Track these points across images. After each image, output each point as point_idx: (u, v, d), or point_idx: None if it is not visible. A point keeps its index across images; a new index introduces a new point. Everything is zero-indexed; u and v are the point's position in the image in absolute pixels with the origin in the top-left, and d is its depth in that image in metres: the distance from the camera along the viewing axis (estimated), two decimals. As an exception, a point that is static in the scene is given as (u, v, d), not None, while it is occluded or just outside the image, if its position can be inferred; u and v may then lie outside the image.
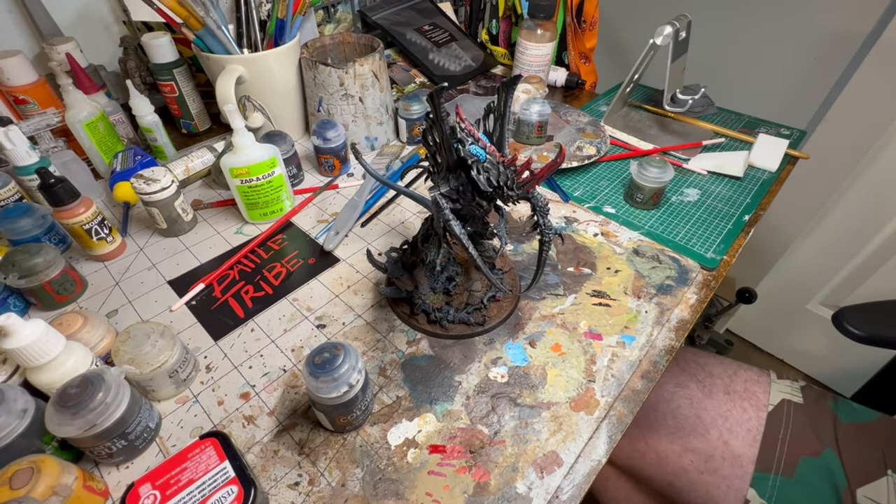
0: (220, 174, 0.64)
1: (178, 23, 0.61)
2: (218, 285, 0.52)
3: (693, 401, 0.61)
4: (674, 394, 0.62)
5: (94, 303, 0.50)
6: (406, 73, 0.92)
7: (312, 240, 0.58)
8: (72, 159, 0.60)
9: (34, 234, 0.51)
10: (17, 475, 0.30)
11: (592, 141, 0.71)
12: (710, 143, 0.74)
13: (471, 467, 0.36)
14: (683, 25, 0.67)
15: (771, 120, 0.81)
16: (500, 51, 1.00)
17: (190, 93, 0.73)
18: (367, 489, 0.35)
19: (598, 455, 0.37)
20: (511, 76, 0.38)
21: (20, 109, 0.64)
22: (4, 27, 0.68)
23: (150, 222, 0.59)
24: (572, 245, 0.57)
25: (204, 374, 0.43)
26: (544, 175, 0.32)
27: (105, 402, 0.33)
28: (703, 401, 0.61)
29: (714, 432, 0.58)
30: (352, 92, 0.67)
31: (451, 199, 0.36)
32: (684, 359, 0.67)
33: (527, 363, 0.44)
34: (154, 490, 0.31)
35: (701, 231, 0.59)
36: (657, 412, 0.61)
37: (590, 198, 0.64)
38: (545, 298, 0.50)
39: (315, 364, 0.34)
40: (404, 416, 0.40)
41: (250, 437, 0.39)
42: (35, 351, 0.34)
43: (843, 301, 1.17)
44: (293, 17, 0.67)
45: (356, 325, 0.48)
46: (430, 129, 0.36)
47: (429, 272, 0.45)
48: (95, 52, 0.75)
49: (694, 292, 0.51)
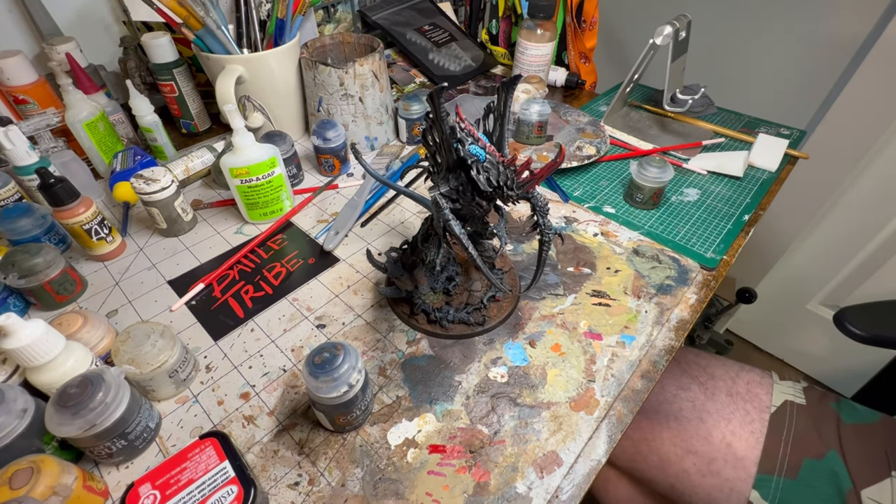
0: (219, 174, 0.64)
1: (178, 23, 0.61)
2: (218, 285, 0.52)
3: (695, 403, 0.61)
4: (676, 396, 0.62)
5: (94, 303, 0.50)
6: (406, 73, 0.92)
7: (312, 240, 0.58)
8: (72, 159, 0.60)
9: (34, 234, 0.51)
10: (17, 475, 0.30)
11: (592, 141, 0.71)
12: (710, 143, 0.74)
13: (471, 467, 0.36)
14: (683, 25, 0.67)
15: (771, 120, 0.81)
16: (500, 51, 1.00)
17: (190, 93, 0.73)
18: (367, 489, 0.35)
19: (598, 455, 0.37)
20: (511, 76, 0.38)
21: (20, 109, 0.64)
22: (4, 27, 0.68)
23: (150, 222, 0.59)
24: (572, 245, 0.57)
25: (204, 374, 0.43)
26: (544, 175, 0.32)
27: (105, 402, 0.33)
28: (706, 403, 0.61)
29: (716, 434, 0.58)
30: (352, 92, 0.67)
31: (451, 199, 0.36)
32: (686, 360, 0.67)
33: (527, 363, 0.44)
34: (154, 490, 0.31)
35: (701, 231, 0.59)
36: (659, 414, 0.61)
37: (590, 198, 0.64)
38: (545, 298, 0.50)
39: (315, 364, 0.34)
40: (404, 416, 0.40)
41: (250, 437, 0.39)
42: (35, 351, 0.34)
43: (843, 301, 1.17)
44: (293, 17, 0.67)
45: (356, 325, 0.48)
46: (429, 129, 0.36)
47: (429, 272, 0.45)
48: (95, 52, 0.75)
49: (694, 292, 0.51)
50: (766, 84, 1.05)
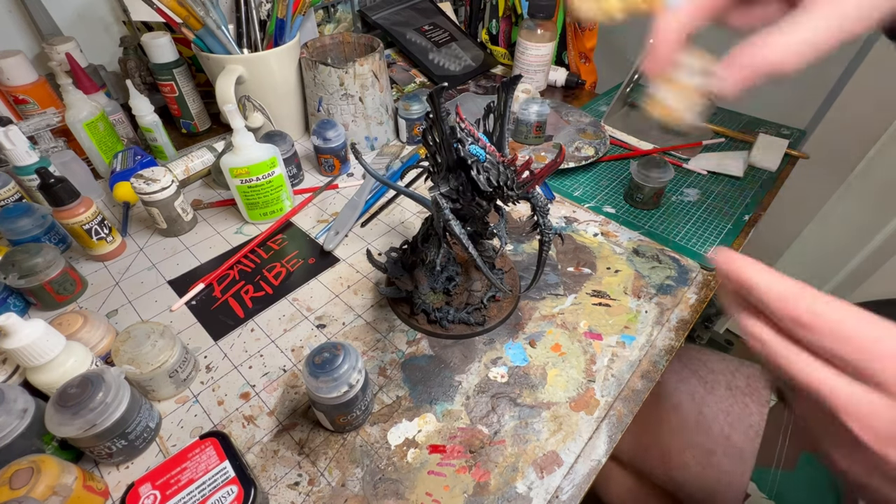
0: (220, 174, 0.64)
1: (178, 23, 0.61)
2: (218, 285, 0.52)
3: (695, 396, 0.61)
4: (675, 389, 0.62)
5: (94, 303, 0.50)
6: (406, 73, 0.92)
7: (312, 240, 0.58)
8: (72, 159, 0.60)
9: (34, 234, 0.51)
10: (17, 475, 0.30)
11: (591, 142, 0.71)
12: (710, 142, 0.74)
13: (471, 467, 0.36)
14: (683, 25, 0.67)
15: (771, 120, 0.81)
16: (500, 51, 1.00)
17: (190, 93, 0.73)
18: (367, 489, 0.35)
19: (598, 455, 0.37)
20: (511, 76, 0.38)
21: (20, 109, 0.64)
22: (4, 27, 0.68)
23: (150, 222, 0.59)
24: (572, 245, 0.57)
25: (204, 374, 0.43)
26: (544, 175, 0.32)
27: (105, 402, 0.33)
28: (705, 396, 0.61)
29: (716, 427, 0.58)
30: (352, 92, 0.67)
31: (451, 198, 0.36)
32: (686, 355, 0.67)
33: (527, 363, 0.44)
34: (154, 490, 0.31)
35: (701, 231, 0.59)
36: (659, 407, 0.61)
37: (590, 198, 0.64)
38: (545, 298, 0.50)
39: (315, 364, 0.34)
40: (404, 416, 0.40)
41: (250, 437, 0.39)
42: (35, 351, 0.34)
43: (843, 301, 1.17)
44: (293, 16, 0.67)
45: (356, 324, 0.48)
46: (430, 129, 0.36)
47: (429, 272, 0.45)
48: (95, 52, 0.75)
49: (694, 292, 0.51)
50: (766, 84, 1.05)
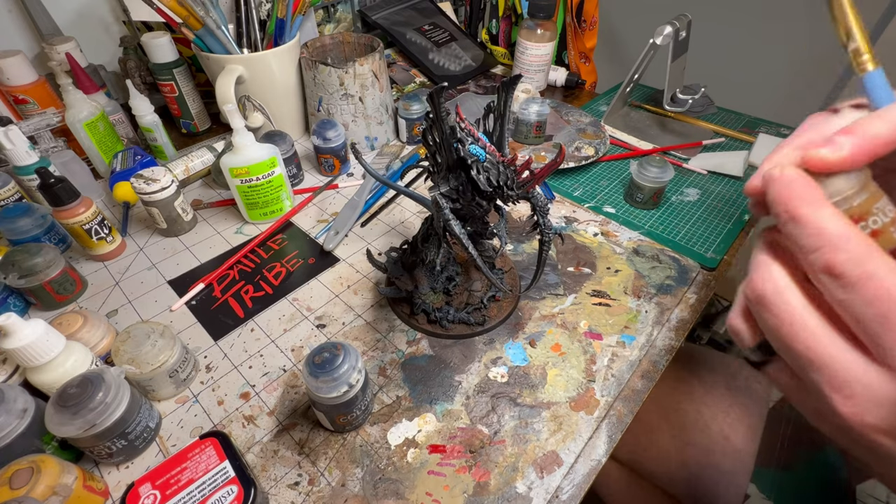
0: (219, 174, 0.64)
1: (178, 23, 0.61)
2: (218, 285, 0.52)
3: (694, 396, 0.61)
4: (675, 389, 0.62)
5: (94, 303, 0.50)
6: (406, 73, 0.92)
7: (312, 240, 0.58)
8: (72, 159, 0.60)
9: (34, 233, 0.51)
10: (17, 475, 0.30)
11: (591, 142, 0.71)
12: (710, 142, 0.74)
13: (471, 467, 0.36)
14: (683, 25, 0.67)
15: (771, 120, 0.81)
16: (500, 50, 1.00)
17: (190, 93, 0.73)
18: (367, 489, 0.35)
19: (598, 455, 0.37)
20: (511, 76, 0.38)
21: (20, 109, 0.64)
22: (4, 27, 0.68)
23: (150, 222, 0.59)
24: (572, 245, 0.57)
25: (204, 374, 0.43)
26: (544, 175, 0.32)
27: (105, 401, 0.33)
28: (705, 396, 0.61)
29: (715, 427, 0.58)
30: (352, 92, 0.67)
31: (451, 198, 0.36)
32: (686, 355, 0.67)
33: (527, 363, 0.44)
34: (154, 490, 0.31)
35: (701, 231, 0.59)
36: (659, 407, 0.61)
37: (590, 198, 0.64)
38: (545, 298, 0.50)
39: (315, 364, 0.34)
40: (404, 416, 0.40)
41: (250, 436, 0.39)
42: (35, 351, 0.34)
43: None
44: (293, 16, 0.67)
45: (356, 324, 0.48)
46: (430, 129, 0.36)
47: (429, 272, 0.45)
48: (95, 52, 0.75)
49: (694, 292, 0.51)
50: (766, 84, 1.05)
